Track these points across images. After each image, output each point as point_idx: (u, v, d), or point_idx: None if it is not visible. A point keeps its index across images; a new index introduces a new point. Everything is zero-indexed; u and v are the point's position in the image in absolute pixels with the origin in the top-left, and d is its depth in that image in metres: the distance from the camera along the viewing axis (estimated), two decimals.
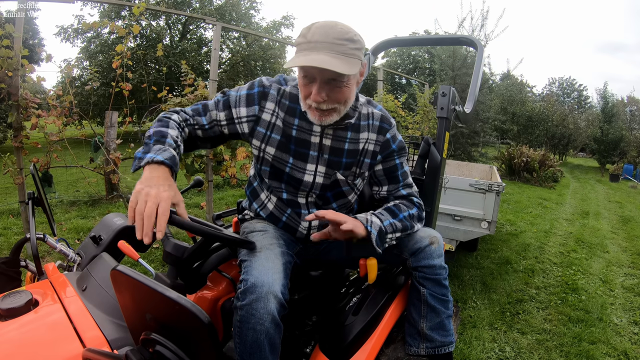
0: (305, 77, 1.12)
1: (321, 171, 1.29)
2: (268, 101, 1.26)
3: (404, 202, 1.35)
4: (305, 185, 1.29)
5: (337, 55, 1.06)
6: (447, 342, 1.36)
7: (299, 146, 1.27)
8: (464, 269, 3.69)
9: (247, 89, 1.28)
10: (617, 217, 6.95)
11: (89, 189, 5.46)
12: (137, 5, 3.52)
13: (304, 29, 1.11)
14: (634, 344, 2.63)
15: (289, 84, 1.29)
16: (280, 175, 1.29)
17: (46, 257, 3.22)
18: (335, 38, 1.07)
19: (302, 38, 1.10)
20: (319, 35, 1.07)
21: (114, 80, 3.60)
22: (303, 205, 1.33)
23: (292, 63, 1.09)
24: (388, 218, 1.25)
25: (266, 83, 1.28)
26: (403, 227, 1.27)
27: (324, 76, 1.09)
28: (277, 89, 1.27)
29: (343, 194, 1.35)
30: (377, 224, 1.21)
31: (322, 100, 1.12)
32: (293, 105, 1.26)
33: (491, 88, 9.63)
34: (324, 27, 1.09)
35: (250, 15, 19.56)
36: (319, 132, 1.26)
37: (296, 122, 1.26)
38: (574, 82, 39.30)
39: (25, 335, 0.93)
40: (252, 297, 1.02)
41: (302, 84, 1.14)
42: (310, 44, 1.07)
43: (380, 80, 7.30)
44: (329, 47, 1.06)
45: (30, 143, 3.23)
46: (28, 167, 1.70)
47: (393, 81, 27.22)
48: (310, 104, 1.15)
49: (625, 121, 16.90)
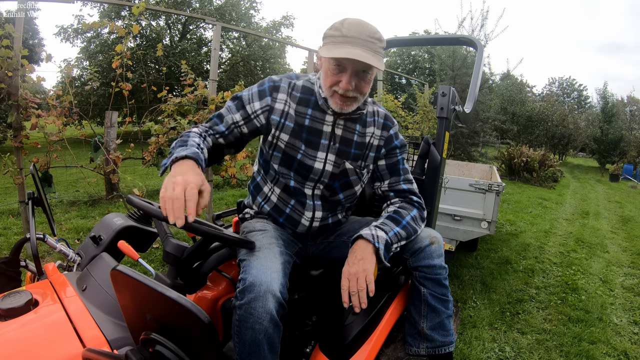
0: (338, 66, 1.20)
1: (331, 159, 1.33)
2: (280, 92, 1.32)
3: (404, 204, 1.38)
4: (315, 173, 1.32)
5: (370, 52, 1.16)
6: (447, 342, 1.36)
7: (311, 134, 1.31)
8: (464, 269, 3.69)
9: (258, 86, 1.35)
10: (617, 217, 6.95)
11: (89, 189, 5.47)
12: (137, 5, 3.51)
13: (337, 23, 1.19)
14: (634, 344, 2.63)
15: (301, 79, 1.36)
16: (291, 161, 1.33)
17: (46, 257, 3.22)
18: (368, 36, 1.16)
19: (337, 31, 1.17)
20: (355, 32, 1.15)
21: (114, 80, 3.59)
22: (309, 196, 1.36)
23: (333, 53, 1.15)
24: (392, 228, 1.27)
25: (276, 78, 1.35)
26: (407, 234, 1.30)
27: (356, 67, 1.18)
28: (287, 82, 1.34)
29: (350, 184, 1.38)
30: (383, 237, 1.23)
31: (351, 88, 1.21)
32: (306, 96, 1.33)
33: (491, 88, 9.61)
34: (357, 24, 1.17)
35: (250, 15, 19.55)
36: (331, 122, 1.32)
37: (309, 112, 1.32)
38: (574, 82, 39.35)
39: (25, 335, 0.93)
40: (251, 296, 1.02)
41: (332, 72, 1.21)
42: (347, 38, 1.15)
43: (380, 80, 7.29)
44: (363, 44, 1.15)
45: (30, 143, 3.23)
46: (28, 167, 1.70)
47: (393, 81, 27.21)
48: (337, 90, 1.22)
49: (625, 121, 16.88)
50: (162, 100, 3.78)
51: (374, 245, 1.20)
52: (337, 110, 1.26)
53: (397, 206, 1.37)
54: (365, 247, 1.20)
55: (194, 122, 3.72)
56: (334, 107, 1.26)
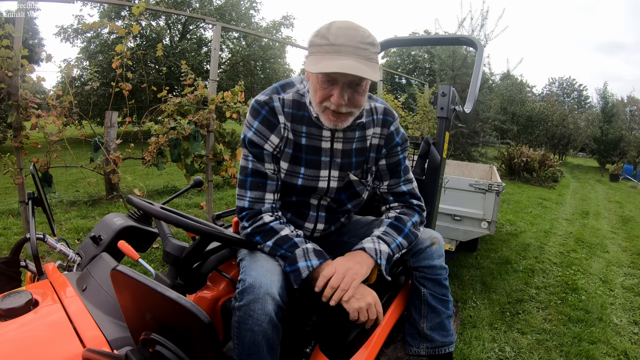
0: (327, 81, 1.09)
1: (334, 175, 1.28)
2: (278, 115, 1.20)
3: (405, 209, 1.35)
4: (320, 192, 1.29)
5: (363, 61, 1.04)
6: (447, 342, 1.36)
7: (309, 154, 1.24)
8: (464, 269, 3.69)
9: (256, 119, 1.20)
10: (617, 217, 6.95)
11: (89, 189, 5.46)
12: (137, 5, 3.51)
13: (323, 29, 1.07)
14: (634, 344, 2.63)
15: (288, 91, 1.24)
16: (292, 187, 1.27)
17: (46, 257, 3.22)
18: (360, 42, 1.05)
19: (323, 39, 1.06)
20: (344, 39, 1.04)
21: (114, 80, 3.59)
22: (313, 206, 1.33)
23: (322, 68, 1.03)
24: (395, 238, 1.24)
25: (263, 99, 1.21)
26: (409, 242, 1.28)
27: (347, 80, 1.07)
28: (276, 99, 1.21)
29: (357, 193, 1.34)
30: (386, 252, 1.20)
31: (344, 103, 1.10)
32: (299, 112, 1.22)
33: (491, 88, 9.60)
34: (346, 29, 1.06)
35: (250, 15, 19.55)
36: (329, 137, 1.24)
37: (304, 130, 1.23)
38: (573, 82, 39.35)
39: (25, 335, 0.93)
40: (250, 297, 1.01)
41: (322, 87, 1.10)
42: (335, 47, 1.04)
43: (380, 80, 7.30)
44: (354, 52, 1.04)
45: (30, 143, 3.23)
46: (28, 167, 1.70)
47: (393, 81, 27.22)
48: (329, 106, 1.12)
49: (625, 121, 16.88)
50: (162, 100, 3.78)
51: (375, 262, 1.17)
52: (331, 127, 1.18)
53: (398, 212, 1.34)
54: (366, 259, 1.17)
55: (194, 122, 3.72)
56: (327, 124, 1.17)
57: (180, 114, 3.79)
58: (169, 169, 7.13)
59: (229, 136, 4.01)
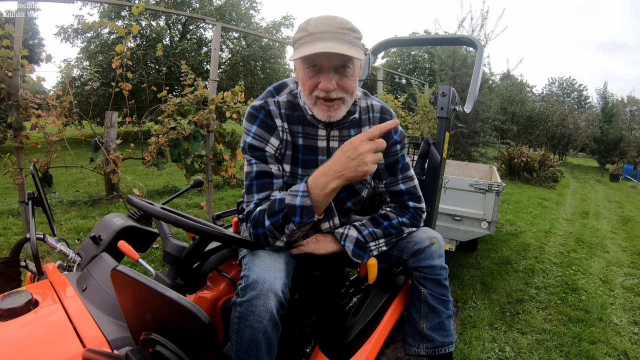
0: (313, 68, 1.10)
1: None
2: (275, 118, 1.21)
3: (397, 209, 1.34)
4: None
5: (343, 43, 1.06)
6: (447, 342, 1.36)
7: (307, 154, 1.25)
8: (464, 269, 3.69)
9: (254, 123, 1.20)
10: (617, 217, 6.95)
11: (89, 189, 5.46)
12: (137, 5, 3.52)
13: (302, 24, 1.11)
14: (634, 344, 2.63)
15: (282, 93, 1.25)
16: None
17: (46, 257, 3.23)
18: (338, 27, 1.07)
19: (303, 32, 1.09)
20: (322, 26, 1.07)
21: (114, 80, 3.59)
22: None
23: (302, 53, 1.05)
24: (369, 227, 1.28)
25: (259, 103, 1.22)
26: (386, 234, 1.29)
27: (333, 63, 1.09)
28: (272, 102, 1.22)
29: (356, 191, 1.34)
30: (353, 236, 1.25)
31: (333, 88, 1.10)
32: (293, 113, 1.23)
33: (491, 88, 9.60)
34: (324, 18, 1.09)
35: (250, 16, 19.57)
36: (325, 136, 1.24)
37: (300, 130, 1.23)
38: (573, 82, 39.30)
39: (25, 335, 0.93)
40: (253, 293, 1.01)
41: (309, 76, 1.11)
42: (315, 35, 1.07)
43: (380, 80, 7.30)
44: (334, 36, 1.06)
45: (30, 143, 3.23)
46: (28, 167, 1.70)
47: (393, 81, 27.23)
48: (318, 94, 1.12)
49: (625, 121, 16.86)
50: (162, 100, 3.78)
51: (341, 245, 1.25)
52: (325, 119, 1.16)
53: (388, 210, 1.34)
54: (331, 240, 1.26)
55: (194, 122, 3.72)
56: (320, 117, 1.16)
57: (180, 114, 3.79)
58: (169, 169, 7.13)
59: (229, 136, 4.01)
